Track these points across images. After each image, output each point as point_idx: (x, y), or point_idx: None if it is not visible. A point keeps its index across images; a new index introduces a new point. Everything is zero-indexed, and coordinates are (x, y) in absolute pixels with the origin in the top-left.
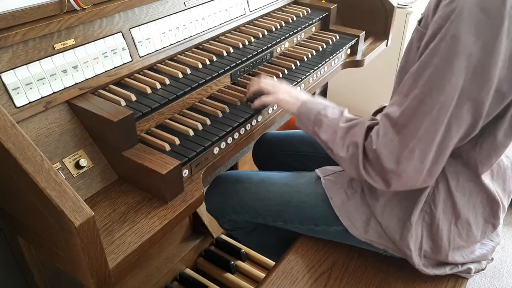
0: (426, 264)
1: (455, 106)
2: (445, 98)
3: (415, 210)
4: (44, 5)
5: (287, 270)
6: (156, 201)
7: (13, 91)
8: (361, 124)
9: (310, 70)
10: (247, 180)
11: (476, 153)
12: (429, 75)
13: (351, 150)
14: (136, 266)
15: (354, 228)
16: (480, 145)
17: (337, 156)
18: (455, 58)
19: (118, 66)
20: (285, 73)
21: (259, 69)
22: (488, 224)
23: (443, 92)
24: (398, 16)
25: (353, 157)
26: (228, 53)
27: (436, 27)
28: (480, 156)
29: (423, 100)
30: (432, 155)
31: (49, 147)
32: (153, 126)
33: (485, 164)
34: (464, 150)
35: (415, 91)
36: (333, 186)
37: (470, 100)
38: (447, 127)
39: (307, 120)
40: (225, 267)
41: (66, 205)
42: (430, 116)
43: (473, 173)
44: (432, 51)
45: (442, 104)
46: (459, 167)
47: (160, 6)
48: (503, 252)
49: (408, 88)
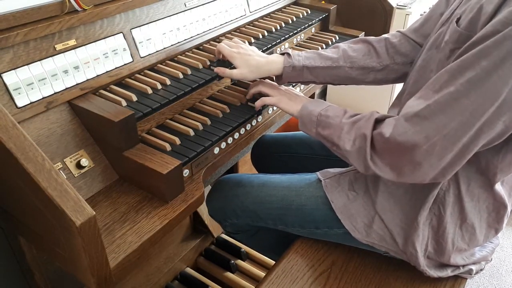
0: (429, 266)
1: (492, 114)
2: (484, 102)
3: (422, 211)
4: (45, 5)
5: (287, 269)
6: (156, 200)
7: (14, 92)
8: (367, 117)
9: None
10: (248, 184)
11: (498, 161)
12: (472, 76)
13: (358, 143)
14: (136, 265)
15: (356, 231)
16: (504, 154)
17: (344, 151)
18: (507, 65)
19: (119, 67)
20: None
21: None
22: (491, 229)
23: (484, 96)
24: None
25: (361, 150)
26: None
27: (491, 30)
28: (501, 164)
29: (458, 99)
30: (451, 156)
31: (50, 147)
32: (153, 126)
33: (505, 172)
34: (485, 156)
35: (450, 89)
36: (334, 189)
37: (510, 112)
38: (477, 132)
39: (310, 122)
40: (226, 266)
41: (67, 204)
42: (462, 116)
43: (485, 180)
44: (482, 53)
45: (478, 108)
46: (472, 173)
47: (161, 7)
48: (502, 251)
49: (441, 84)
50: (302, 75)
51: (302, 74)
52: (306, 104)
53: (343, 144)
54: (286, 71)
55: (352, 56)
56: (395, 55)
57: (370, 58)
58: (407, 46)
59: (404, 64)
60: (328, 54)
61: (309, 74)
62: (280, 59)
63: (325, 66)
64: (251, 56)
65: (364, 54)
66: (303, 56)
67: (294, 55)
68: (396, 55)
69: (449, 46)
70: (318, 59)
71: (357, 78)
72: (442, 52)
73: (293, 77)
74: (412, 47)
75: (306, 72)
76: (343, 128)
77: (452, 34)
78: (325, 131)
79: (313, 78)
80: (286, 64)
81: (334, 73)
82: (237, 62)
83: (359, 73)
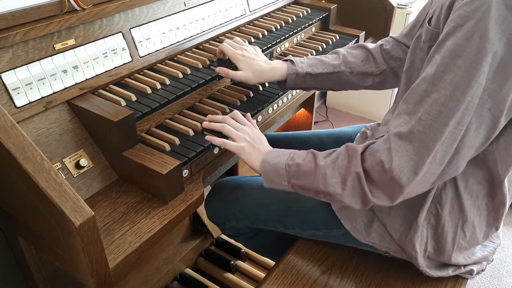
0: (430, 266)
1: (478, 105)
2: (471, 97)
3: (421, 211)
4: (44, 5)
5: (287, 270)
6: (156, 201)
7: (13, 91)
8: (345, 153)
9: None
10: (247, 186)
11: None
12: (452, 77)
13: (350, 183)
14: (136, 266)
15: (356, 231)
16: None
17: (336, 195)
18: (484, 57)
19: (118, 66)
20: None
21: None
22: (492, 227)
23: (471, 92)
24: (397, 16)
25: (356, 189)
26: None
27: (453, 26)
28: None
29: (446, 103)
30: (450, 157)
31: (49, 147)
32: (153, 126)
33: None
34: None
35: (433, 96)
36: None
37: (491, 98)
38: (468, 126)
39: (277, 177)
40: (225, 267)
41: (66, 205)
42: (455, 118)
43: (486, 174)
44: (455, 52)
45: (468, 104)
46: (469, 168)
47: (160, 6)
48: (503, 252)
49: (421, 94)
50: (305, 82)
51: (305, 81)
52: (266, 157)
53: (333, 190)
54: (290, 78)
55: (352, 62)
56: (389, 60)
57: (368, 63)
58: (399, 50)
59: (398, 67)
60: (329, 61)
61: (312, 81)
62: (283, 66)
63: (327, 72)
64: (255, 61)
65: (363, 59)
66: (306, 63)
67: (297, 62)
68: (390, 60)
69: (426, 44)
70: (320, 66)
71: (356, 83)
72: (423, 51)
73: (296, 83)
74: (403, 51)
75: (309, 78)
76: (326, 173)
77: (426, 33)
78: (302, 181)
79: (315, 84)
80: (290, 72)
81: (335, 78)
82: (241, 64)
83: (358, 78)
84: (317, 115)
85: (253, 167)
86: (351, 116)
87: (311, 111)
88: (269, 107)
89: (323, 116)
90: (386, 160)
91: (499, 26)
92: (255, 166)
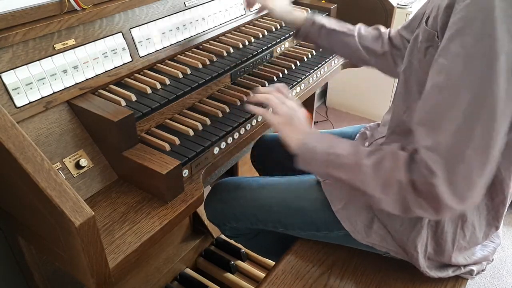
0: (430, 266)
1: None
2: (495, 101)
3: None
4: (44, 5)
5: (287, 270)
6: (156, 201)
7: (13, 91)
8: (391, 156)
9: (310, 70)
10: (247, 186)
11: None
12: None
13: (393, 190)
14: (136, 266)
15: (356, 232)
16: None
17: (374, 197)
18: (497, 59)
19: (118, 66)
20: (285, 73)
21: (259, 69)
22: (492, 226)
23: (493, 96)
24: (398, 16)
25: (400, 198)
26: (228, 53)
27: (456, 29)
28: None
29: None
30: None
31: (49, 147)
32: (153, 126)
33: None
34: None
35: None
36: (334, 190)
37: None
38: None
39: (313, 161)
40: (225, 267)
41: (66, 205)
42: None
43: None
44: (465, 57)
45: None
46: None
47: (160, 6)
48: (503, 252)
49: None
50: (319, 34)
51: (319, 33)
52: (305, 138)
53: (372, 191)
54: (307, 24)
55: (364, 35)
56: (391, 46)
57: (376, 42)
58: (399, 40)
59: (396, 56)
60: (345, 24)
61: (325, 35)
62: (304, 14)
63: (340, 30)
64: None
65: (373, 37)
66: (323, 18)
67: (316, 14)
68: (391, 47)
69: (423, 45)
70: (336, 23)
71: (361, 56)
72: (420, 52)
73: (310, 32)
74: (402, 43)
75: (324, 32)
76: (366, 173)
77: (423, 34)
78: (340, 173)
79: (326, 41)
80: (309, 17)
81: (346, 42)
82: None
83: (364, 51)
84: (317, 115)
85: (289, 144)
86: (351, 116)
87: (311, 111)
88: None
89: (323, 116)
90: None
91: (506, 26)
92: (291, 144)
